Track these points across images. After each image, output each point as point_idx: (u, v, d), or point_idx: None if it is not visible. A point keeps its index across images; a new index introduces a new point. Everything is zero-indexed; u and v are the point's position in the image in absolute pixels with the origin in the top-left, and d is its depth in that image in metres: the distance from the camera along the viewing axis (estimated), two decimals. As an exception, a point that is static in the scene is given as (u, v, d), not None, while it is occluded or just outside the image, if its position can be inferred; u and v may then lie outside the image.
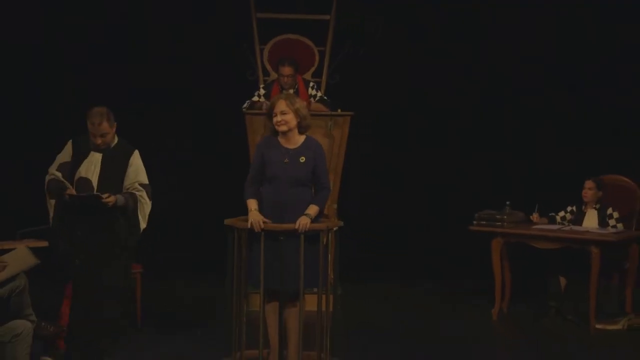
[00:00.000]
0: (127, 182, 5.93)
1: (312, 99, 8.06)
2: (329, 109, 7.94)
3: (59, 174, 5.85)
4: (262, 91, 8.16)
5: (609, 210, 7.77)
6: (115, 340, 5.97)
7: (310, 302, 5.89)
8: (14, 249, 5.71)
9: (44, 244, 6.13)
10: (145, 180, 6.00)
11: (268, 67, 8.48)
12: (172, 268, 9.15)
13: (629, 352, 6.89)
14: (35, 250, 5.60)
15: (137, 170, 5.96)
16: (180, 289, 8.72)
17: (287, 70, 7.99)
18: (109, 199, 5.75)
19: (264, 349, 5.72)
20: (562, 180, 8.66)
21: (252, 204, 5.70)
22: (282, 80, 8.03)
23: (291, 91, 8.01)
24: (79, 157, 5.88)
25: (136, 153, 6.02)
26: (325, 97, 8.15)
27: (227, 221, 5.74)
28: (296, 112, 5.69)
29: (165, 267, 9.01)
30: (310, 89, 8.15)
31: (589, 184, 7.81)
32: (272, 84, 8.19)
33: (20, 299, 5.35)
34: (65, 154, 5.92)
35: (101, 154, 5.89)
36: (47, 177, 5.92)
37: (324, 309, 5.74)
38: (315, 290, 5.74)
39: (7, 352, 5.21)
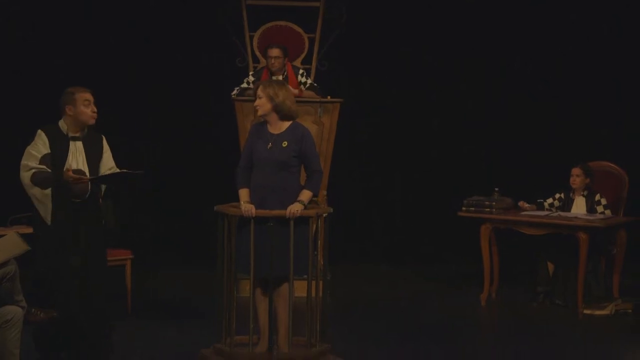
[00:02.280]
0: (106, 168, 5.84)
1: (302, 87, 8.07)
2: (320, 96, 7.96)
3: (44, 167, 5.65)
4: (251, 78, 8.16)
5: (597, 197, 7.81)
6: (111, 327, 5.97)
7: (300, 288, 5.91)
8: (3, 235, 5.70)
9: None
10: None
11: (258, 54, 8.48)
12: (163, 256, 9.16)
13: (616, 337, 6.94)
14: (25, 237, 5.59)
15: (110, 155, 5.92)
16: (171, 276, 8.74)
17: (274, 51, 7.99)
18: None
19: (254, 335, 5.74)
20: (551, 167, 8.70)
21: (244, 194, 5.72)
22: (270, 62, 8.03)
23: (280, 77, 8.03)
24: (59, 148, 5.71)
25: (104, 138, 5.93)
26: (315, 84, 8.16)
27: (217, 207, 5.76)
28: (269, 97, 5.69)
29: (156, 255, 9.01)
30: (299, 76, 8.15)
31: (576, 171, 7.84)
32: (262, 70, 8.19)
33: (11, 285, 5.35)
34: (42, 146, 5.70)
35: (81, 142, 5.78)
36: (28, 172, 5.64)
37: (313, 294, 5.76)
38: (304, 276, 5.75)
39: (-2, 337, 5.24)
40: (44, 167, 5.67)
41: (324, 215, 5.80)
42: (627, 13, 9.27)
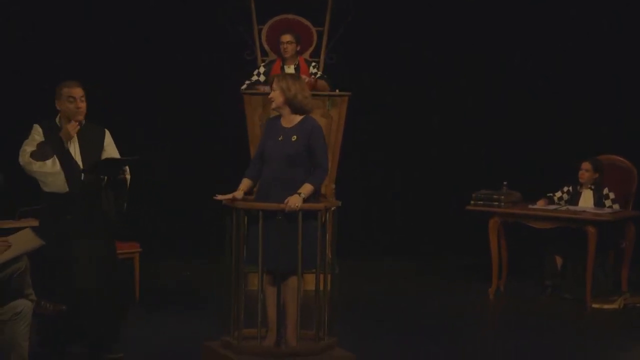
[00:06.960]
0: None
1: (313, 77, 8.05)
2: (329, 87, 7.95)
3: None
4: (262, 69, 8.16)
5: (605, 191, 7.80)
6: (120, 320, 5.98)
7: (308, 282, 5.91)
8: (17, 228, 5.71)
9: None
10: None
11: (266, 47, 8.47)
12: (171, 248, 9.17)
13: (625, 331, 6.93)
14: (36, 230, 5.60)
15: (113, 148, 5.93)
16: (180, 269, 8.76)
17: (286, 37, 8.00)
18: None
19: (262, 328, 5.75)
20: (552, 166, 8.70)
21: (242, 184, 5.76)
22: (283, 48, 8.03)
23: (292, 66, 8.04)
24: (53, 139, 5.73)
25: (107, 132, 5.95)
26: (325, 76, 8.15)
27: (225, 201, 5.76)
28: (282, 90, 5.69)
29: (164, 247, 9.03)
30: (311, 68, 8.16)
31: (585, 165, 7.84)
32: (273, 63, 8.18)
33: (21, 280, 5.36)
34: (37, 136, 5.76)
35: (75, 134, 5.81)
36: (25, 154, 5.70)
37: (322, 288, 5.76)
38: (312, 270, 5.75)
39: (6, 329, 5.24)
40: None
41: (332, 208, 5.80)
42: (626, 8, 9.23)
